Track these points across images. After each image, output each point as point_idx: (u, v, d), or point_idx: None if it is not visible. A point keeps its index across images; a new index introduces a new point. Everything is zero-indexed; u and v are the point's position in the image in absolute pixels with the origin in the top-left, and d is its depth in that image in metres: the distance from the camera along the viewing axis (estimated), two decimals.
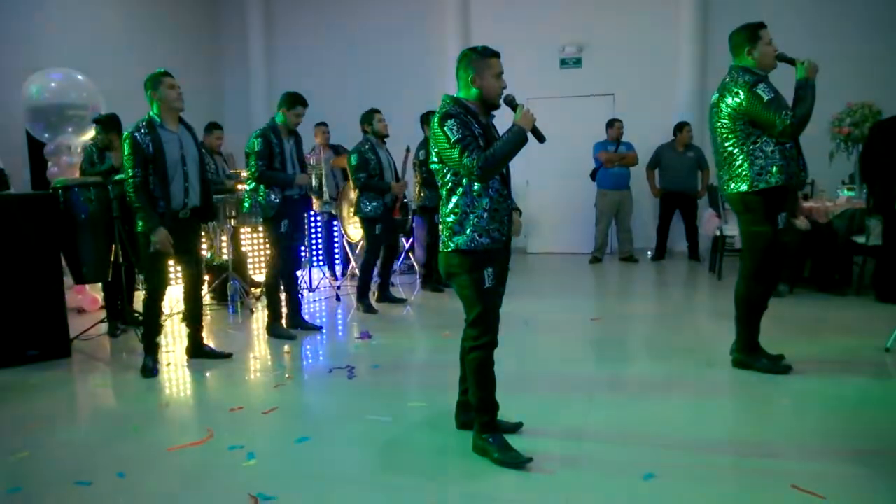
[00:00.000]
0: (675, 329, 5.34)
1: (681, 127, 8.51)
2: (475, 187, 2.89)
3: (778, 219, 3.93)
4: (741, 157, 3.90)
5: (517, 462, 2.92)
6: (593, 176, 8.76)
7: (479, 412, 3.04)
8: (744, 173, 3.89)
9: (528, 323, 5.41)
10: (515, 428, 3.26)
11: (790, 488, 2.67)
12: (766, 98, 3.78)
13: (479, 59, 2.95)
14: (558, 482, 2.81)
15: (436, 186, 3.03)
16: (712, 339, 4.94)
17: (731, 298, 4.35)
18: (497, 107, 3.02)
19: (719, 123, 3.98)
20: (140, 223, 4.26)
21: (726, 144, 3.96)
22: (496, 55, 2.98)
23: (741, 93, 3.85)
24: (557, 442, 3.23)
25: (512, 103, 3.03)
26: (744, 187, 3.90)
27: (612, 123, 8.67)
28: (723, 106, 3.95)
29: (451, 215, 2.94)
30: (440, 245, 3.01)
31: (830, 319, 5.42)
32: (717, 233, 7.37)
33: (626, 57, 9.31)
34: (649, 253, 9.03)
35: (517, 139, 2.89)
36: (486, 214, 2.90)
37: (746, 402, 3.74)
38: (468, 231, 2.90)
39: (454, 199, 2.93)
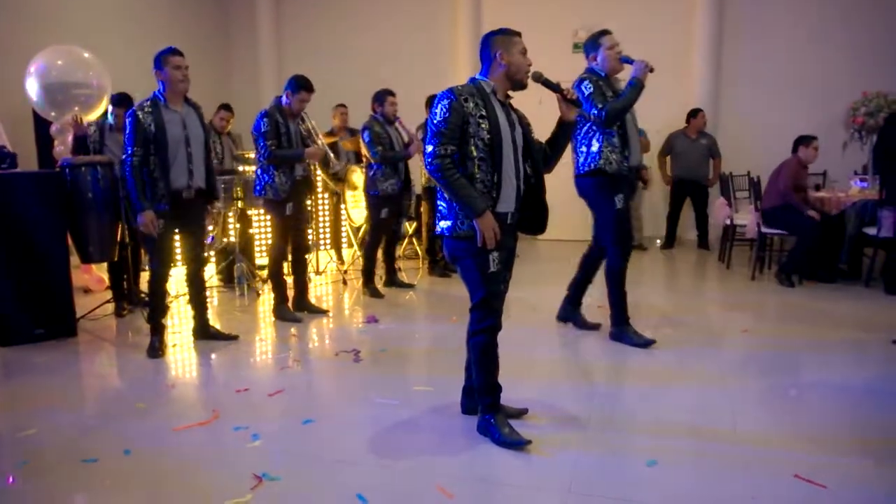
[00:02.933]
0: (682, 317, 5.31)
1: (695, 113, 8.43)
2: (462, 172, 2.88)
3: (615, 199, 4.35)
4: (577, 146, 4.40)
5: (517, 443, 2.95)
6: None
7: (481, 394, 3.07)
8: (577, 160, 4.42)
9: (536, 309, 5.39)
10: (520, 413, 3.25)
11: (793, 478, 2.67)
12: (586, 92, 4.22)
13: (504, 38, 2.95)
14: (562, 467, 2.81)
15: None
16: (719, 327, 4.92)
17: (740, 288, 4.30)
18: (524, 85, 2.99)
19: None
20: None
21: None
22: (518, 34, 2.99)
23: (574, 88, 4.24)
24: (562, 427, 3.23)
25: (540, 79, 3.03)
26: (574, 171, 4.45)
27: None
28: None
29: (442, 200, 2.98)
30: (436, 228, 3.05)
31: (839, 311, 5.38)
32: (728, 222, 7.31)
33: (639, 42, 9.13)
34: (658, 241, 8.98)
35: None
36: None
37: (751, 391, 3.71)
38: (453, 217, 2.93)
39: None
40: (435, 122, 2.88)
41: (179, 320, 5.33)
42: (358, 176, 6.77)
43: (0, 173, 4.73)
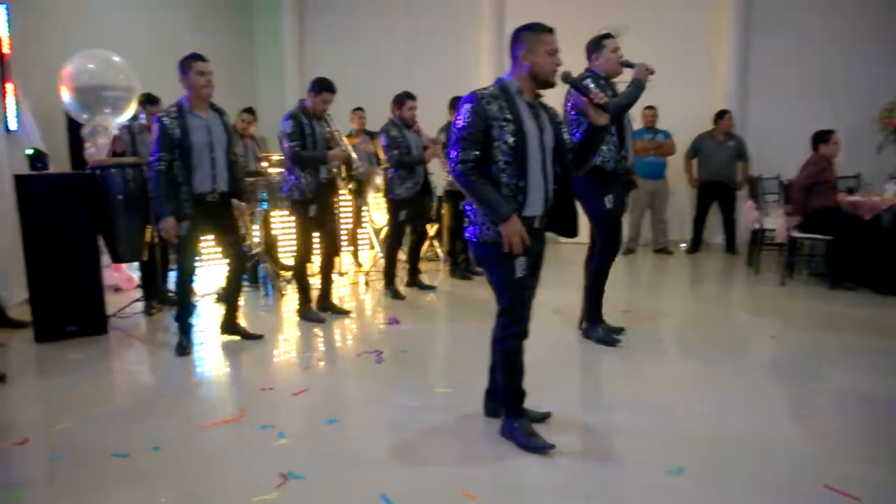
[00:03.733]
0: (708, 323, 5.27)
1: (722, 114, 8.34)
2: (486, 177, 2.83)
3: (605, 199, 4.36)
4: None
5: (540, 448, 2.94)
6: None
7: (506, 399, 3.07)
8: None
9: (559, 313, 5.38)
10: (544, 418, 3.25)
11: (823, 488, 2.63)
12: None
13: (531, 35, 2.88)
14: (584, 472, 2.81)
15: None
16: (746, 334, 4.87)
17: (769, 293, 4.19)
18: (551, 84, 2.91)
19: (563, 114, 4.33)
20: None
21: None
22: (549, 31, 2.90)
23: None
24: (585, 433, 3.23)
25: (568, 79, 2.99)
26: None
27: (643, 111, 8.52)
28: (566, 101, 4.32)
29: (469, 205, 2.94)
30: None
31: (870, 317, 5.29)
32: (757, 225, 7.23)
33: (664, 41, 9.08)
34: (683, 245, 8.89)
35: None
36: None
37: (780, 399, 3.68)
38: (478, 222, 2.90)
39: None
40: (458, 126, 2.84)
41: (207, 319, 5.40)
42: (381, 178, 6.81)
43: (34, 175, 4.84)
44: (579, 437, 3.15)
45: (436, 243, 7.95)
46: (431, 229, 7.85)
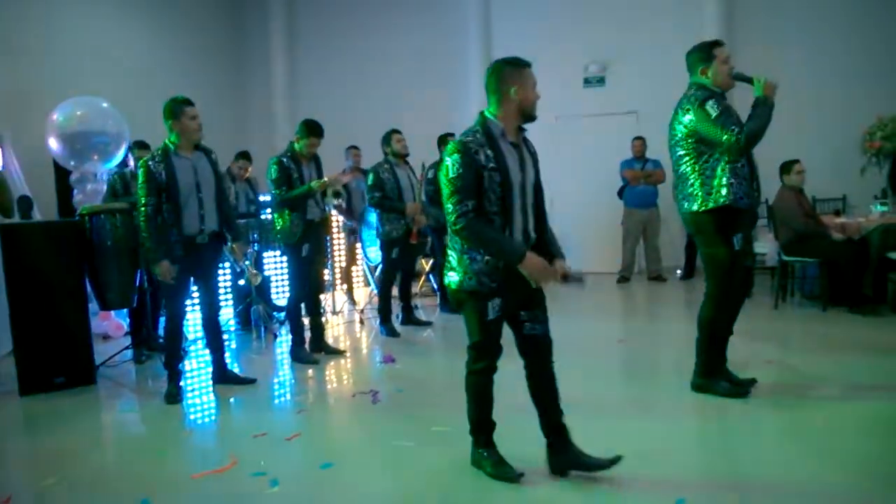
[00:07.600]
0: None
1: None
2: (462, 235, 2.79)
3: (733, 240, 3.83)
4: (693, 175, 3.82)
5: (509, 477, 2.93)
6: (620, 194, 8.68)
7: (475, 429, 3.06)
8: (695, 192, 3.81)
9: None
10: (610, 464, 2.94)
11: None
12: (713, 114, 3.67)
13: (517, 70, 2.83)
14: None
15: (441, 205, 2.93)
16: (742, 359, 4.80)
17: (763, 317, 4.09)
18: (534, 118, 2.87)
19: (674, 141, 3.92)
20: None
21: (680, 163, 3.89)
22: (529, 64, 2.87)
23: (691, 109, 3.76)
24: None
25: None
26: (694, 207, 3.82)
27: (633, 141, 8.63)
28: (676, 124, 3.88)
29: (452, 250, 2.89)
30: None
31: (866, 338, 5.25)
32: None
33: (649, 75, 9.18)
34: (678, 272, 8.87)
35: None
36: (477, 259, 2.79)
37: (770, 426, 3.61)
38: (461, 270, 2.84)
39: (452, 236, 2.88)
40: (449, 178, 2.77)
41: (197, 365, 5.31)
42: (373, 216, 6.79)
43: (19, 223, 4.79)
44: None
45: (431, 278, 7.90)
46: (427, 264, 7.81)
